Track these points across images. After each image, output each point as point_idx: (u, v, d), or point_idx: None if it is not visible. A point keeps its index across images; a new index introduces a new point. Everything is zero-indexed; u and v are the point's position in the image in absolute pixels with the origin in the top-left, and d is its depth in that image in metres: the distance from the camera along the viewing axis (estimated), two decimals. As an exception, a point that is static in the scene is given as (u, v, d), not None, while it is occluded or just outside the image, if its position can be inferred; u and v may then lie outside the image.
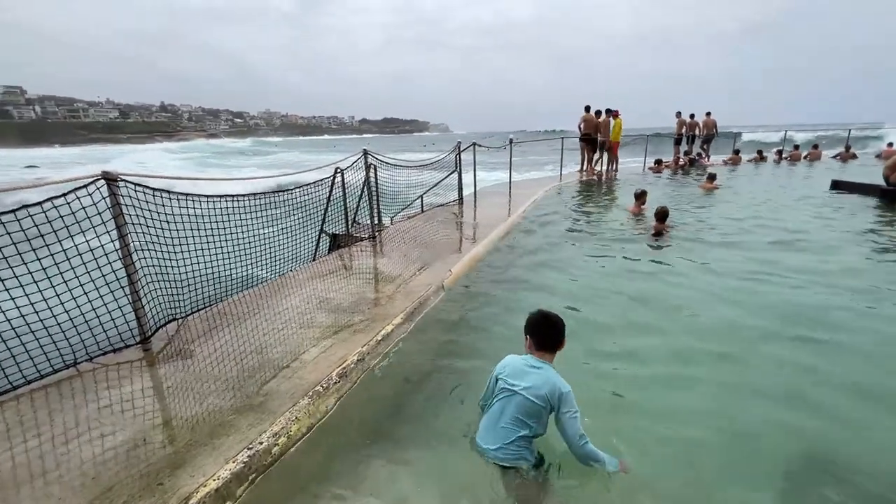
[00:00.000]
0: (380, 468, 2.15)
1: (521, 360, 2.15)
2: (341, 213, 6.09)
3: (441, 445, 2.32)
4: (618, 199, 9.65)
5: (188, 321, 3.38)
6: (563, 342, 2.18)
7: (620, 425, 2.43)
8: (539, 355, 2.14)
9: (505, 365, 2.18)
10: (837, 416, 2.50)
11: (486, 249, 5.55)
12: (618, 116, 12.75)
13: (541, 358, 2.13)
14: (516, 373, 2.10)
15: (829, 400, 2.64)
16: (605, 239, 6.35)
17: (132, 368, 2.75)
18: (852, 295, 4.03)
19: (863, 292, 4.09)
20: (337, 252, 5.68)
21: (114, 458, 1.98)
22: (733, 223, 7.00)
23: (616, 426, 2.40)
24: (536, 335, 2.17)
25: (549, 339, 2.15)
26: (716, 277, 4.68)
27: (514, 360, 2.17)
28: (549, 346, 2.16)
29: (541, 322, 2.18)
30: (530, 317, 2.24)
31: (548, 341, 2.15)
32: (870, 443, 2.33)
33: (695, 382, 2.87)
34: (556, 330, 2.17)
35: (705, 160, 15.38)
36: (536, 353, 2.16)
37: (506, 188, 10.43)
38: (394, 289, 4.07)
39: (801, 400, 2.65)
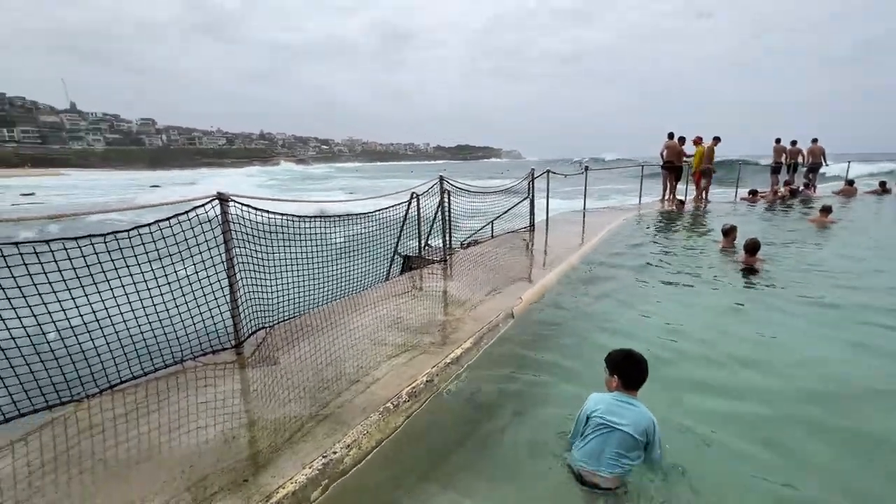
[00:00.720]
0: (442, 493, 2.15)
1: (611, 399, 2.24)
2: (414, 236, 6.32)
3: (503, 476, 2.29)
4: (704, 231, 8.96)
5: (274, 330, 3.67)
6: (646, 379, 2.28)
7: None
8: (629, 393, 2.25)
9: (597, 402, 2.25)
10: None
11: (558, 278, 5.41)
12: (700, 143, 11.98)
13: (630, 395, 2.24)
14: (612, 410, 2.19)
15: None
16: (687, 273, 5.91)
17: (226, 370, 3.04)
18: None
19: None
20: (409, 273, 5.87)
21: (208, 451, 2.18)
22: (849, 263, 6.17)
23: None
24: (624, 375, 2.27)
25: (636, 377, 2.27)
26: (816, 324, 4.15)
27: (604, 398, 2.26)
28: (636, 384, 2.27)
29: (629, 362, 2.28)
30: (615, 356, 2.33)
31: (635, 380, 2.26)
32: None
33: (786, 440, 2.53)
34: (642, 369, 2.27)
35: (811, 191, 13.81)
36: (625, 391, 2.25)
37: (579, 216, 10.15)
38: (463, 312, 4.10)
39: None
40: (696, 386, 3.09)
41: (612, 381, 2.29)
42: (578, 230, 8.62)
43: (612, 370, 2.31)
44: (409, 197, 6.07)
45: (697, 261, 6.58)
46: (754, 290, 5.23)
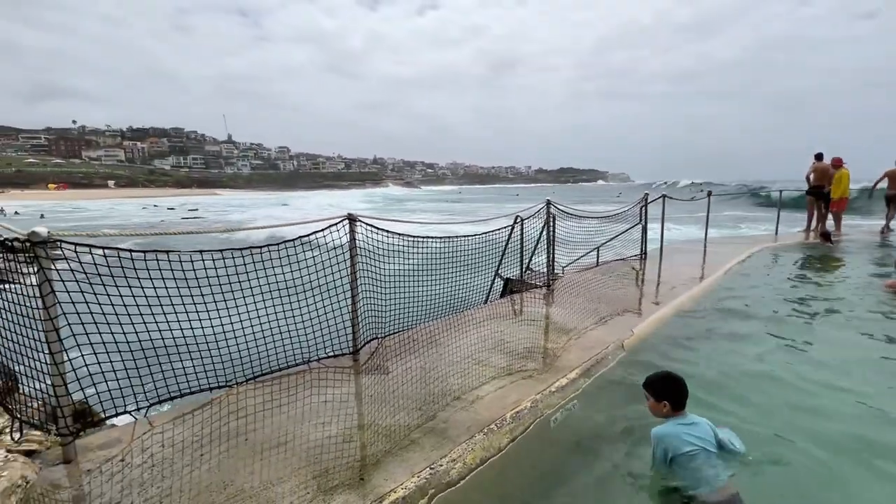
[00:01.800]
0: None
1: (680, 426, 2.32)
2: (515, 259, 6.31)
3: None
4: (864, 268, 7.46)
5: (385, 341, 3.94)
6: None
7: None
8: (683, 413, 2.38)
9: (673, 434, 2.29)
10: None
11: (674, 313, 4.96)
12: (841, 165, 10.15)
13: (685, 415, 2.37)
14: (690, 436, 2.27)
15: None
16: (842, 316, 4.98)
17: (344, 373, 3.33)
18: None
19: None
20: (509, 297, 5.86)
21: (330, 446, 2.41)
22: None
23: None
24: (676, 397, 2.37)
25: (685, 398, 2.39)
26: None
27: (676, 429, 2.31)
28: (684, 403, 2.39)
29: (676, 384, 2.39)
30: (660, 382, 2.42)
31: (684, 400, 2.39)
32: None
33: None
34: (686, 388, 2.40)
35: None
36: (679, 412, 2.37)
37: (699, 246, 9.20)
38: (567, 341, 3.97)
39: None
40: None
41: (662, 407, 2.38)
42: (698, 261, 7.81)
43: (659, 396, 2.39)
44: (512, 220, 6.12)
45: (854, 303, 5.51)
46: None
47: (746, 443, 2.50)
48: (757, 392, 3.29)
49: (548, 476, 2.43)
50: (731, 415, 2.96)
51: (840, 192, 10.36)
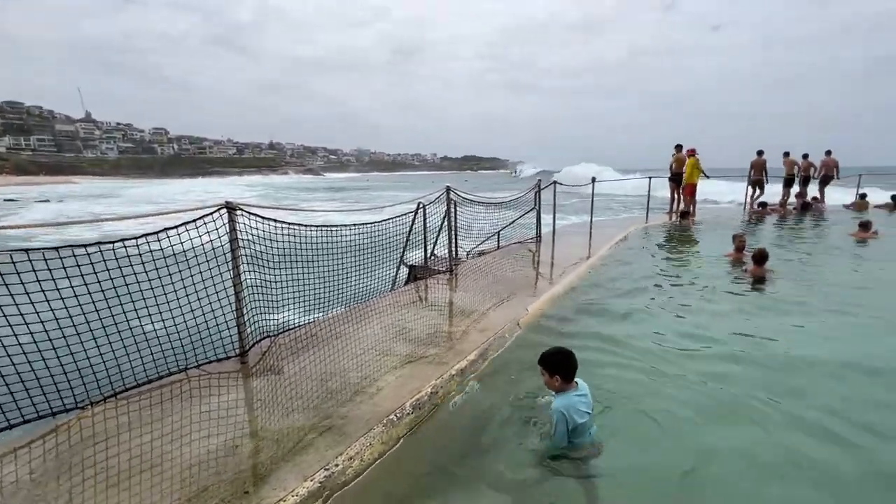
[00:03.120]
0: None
1: (577, 397, 2.49)
2: (420, 246, 6.31)
3: (502, 488, 2.26)
4: (713, 243, 8.86)
5: (279, 339, 3.66)
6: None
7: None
8: (574, 385, 2.54)
9: (568, 406, 2.44)
10: None
11: (565, 290, 5.37)
12: (693, 155, 11.94)
13: (576, 386, 2.54)
14: (584, 406, 2.48)
15: None
16: (695, 284, 5.86)
17: (230, 378, 3.02)
18: None
19: None
20: (414, 283, 5.85)
21: (210, 461, 2.16)
22: (867, 278, 6.07)
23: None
24: (567, 370, 2.51)
25: (575, 369, 2.53)
26: (816, 339, 4.08)
27: (575, 401, 2.47)
28: (575, 374, 2.54)
29: (567, 359, 2.52)
30: (553, 358, 2.53)
31: (574, 373, 2.53)
32: None
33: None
34: (575, 362, 2.54)
35: (822, 205, 13.66)
36: (569, 384, 2.52)
37: (586, 228, 10.11)
38: (469, 323, 4.07)
39: None
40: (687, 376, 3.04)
41: (555, 381, 2.51)
42: (585, 242, 8.57)
43: (552, 370, 2.51)
44: (415, 207, 6.09)
45: (705, 271, 6.54)
46: (761, 298, 5.27)
47: (614, 394, 3.00)
48: (628, 354, 3.71)
49: (447, 459, 2.45)
50: (606, 374, 3.33)
51: (688, 179, 12.09)
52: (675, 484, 2.29)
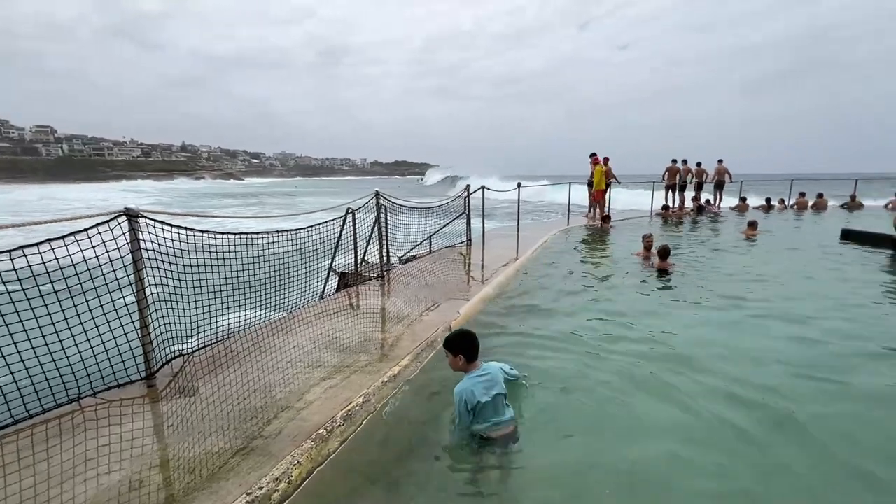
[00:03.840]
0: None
1: (474, 378, 2.60)
2: (350, 252, 6.16)
3: (442, 487, 2.27)
4: (625, 243, 9.67)
5: (194, 357, 3.36)
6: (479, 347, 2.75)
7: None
8: (476, 365, 2.68)
9: (470, 388, 2.55)
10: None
11: (495, 291, 5.53)
12: (598, 163, 12.89)
13: (478, 366, 2.68)
14: (485, 385, 2.57)
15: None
16: (610, 279, 6.42)
17: (134, 405, 2.71)
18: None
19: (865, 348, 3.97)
20: (345, 291, 5.69)
21: (107, 501, 1.91)
22: (747, 269, 6.96)
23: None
24: (470, 350, 2.66)
25: (476, 349, 2.69)
26: (709, 320, 4.72)
27: (472, 382, 2.58)
28: (477, 354, 2.70)
29: (468, 340, 2.68)
30: (456, 340, 2.68)
31: (476, 352, 2.69)
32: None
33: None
34: (477, 342, 2.70)
35: (715, 207, 15.46)
36: (473, 364, 2.67)
37: (514, 231, 10.52)
38: (401, 329, 4.04)
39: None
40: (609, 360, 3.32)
41: (458, 361, 2.65)
42: (513, 244, 8.91)
43: (455, 351, 2.65)
44: (344, 212, 5.93)
45: (620, 267, 7.16)
46: (667, 289, 5.96)
47: (539, 381, 3.17)
48: (554, 343, 3.95)
49: (380, 469, 2.40)
50: (534, 364, 3.51)
51: (596, 185, 13.07)
52: (596, 458, 2.49)
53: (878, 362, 3.57)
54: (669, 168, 15.21)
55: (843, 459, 2.44)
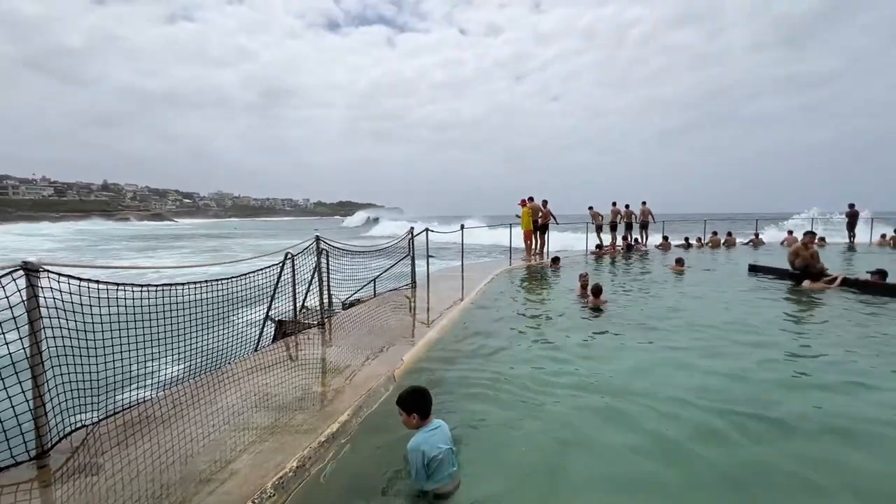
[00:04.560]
0: None
1: (428, 433, 2.56)
2: (289, 298, 5.88)
3: None
4: (562, 281, 10.10)
5: (100, 428, 2.96)
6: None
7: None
8: (429, 420, 2.65)
9: (426, 442, 2.50)
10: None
11: (439, 335, 5.48)
12: (525, 205, 13.62)
13: (431, 422, 2.65)
14: (437, 440, 2.54)
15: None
16: (551, 318, 6.65)
17: (19, 492, 2.31)
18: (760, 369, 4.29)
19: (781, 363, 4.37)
20: (283, 340, 5.38)
21: None
22: (673, 303, 7.50)
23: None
24: (423, 408, 2.63)
25: (430, 406, 2.67)
26: (644, 351, 5.01)
27: (426, 437, 2.54)
28: (430, 412, 2.67)
29: (422, 397, 2.65)
30: (409, 398, 2.64)
31: (429, 409, 2.66)
32: None
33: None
34: (430, 398, 2.68)
35: (642, 246, 16.71)
36: (426, 420, 2.63)
37: (458, 272, 10.65)
38: (342, 381, 3.85)
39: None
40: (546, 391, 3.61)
41: (412, 419, 2.61)
42: (458, 285, 8.98)
43: (409, 410, 2.61)
44: (283, 257, 5.71)
45: (558, 305, 7.48)
46: (598, 323, 6.32)
47: (486, 426, 3.25)
48: (498, 385, 3.95)
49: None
50: (478, 408, 3.51)
51: (524, 226, 13.72)
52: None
53: (795, 392, 3.89)
54: (592, 213, 16.47)
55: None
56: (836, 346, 4.99)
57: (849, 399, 3.66)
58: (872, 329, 5.72)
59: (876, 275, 8.26)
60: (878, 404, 3.54)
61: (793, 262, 9.20)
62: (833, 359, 4.62)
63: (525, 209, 13.56)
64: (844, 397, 3.69)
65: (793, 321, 6.32)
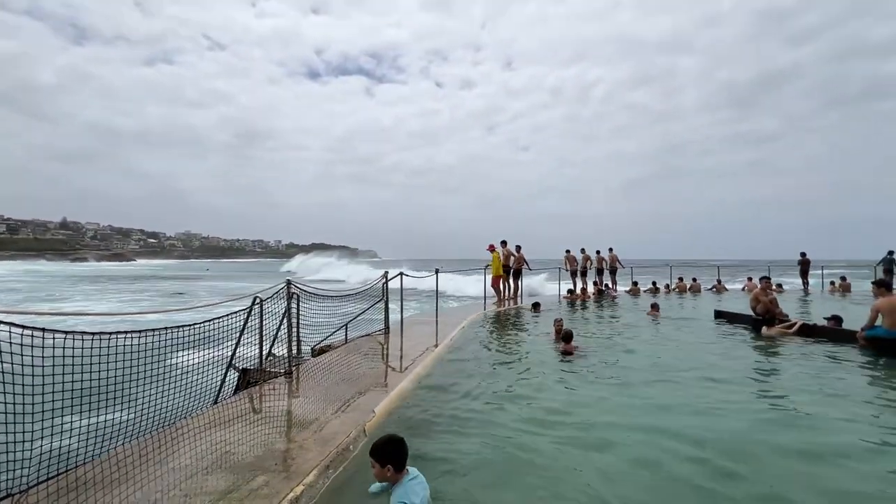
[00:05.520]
0: None
1: (409, 484, 2.45)
2: (254, 345, 5.60)
3: None
4: (534, 325, 10.10)
5: (29, 496, 2.61)
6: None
7: None
8: (405, 472, 2.53)
9: (406, 493, 2.40)
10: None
11: (412, 384, 5.29)
12: (493, 250, 13.57)
13: (407, 472, 2.53)
14: (420, 489, 2.46)
15: None
16: (525, 363, 6.63)
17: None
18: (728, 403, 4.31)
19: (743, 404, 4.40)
20: (246, 391, 5.05)
21: None
22: (646, 348, 7.56)
23: None
24: (399, 460, 2.50)
25: (405, 458, 2.54)
26: (614, 396, 4.99)
27: (409, 487, 2.43)
28: (405, 463, 2.54)
29: (397, 448, 2.52)
30: (383, 448, 2.50)
31: (405, 461, 2.54)
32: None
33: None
34: (406, 449, 2.56)
35: (613, 291, 17.08)
36: (401, 472, 2.51)
37: (432, 317, 10.50)
38: (309, 436, 3.60)
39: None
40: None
41: (387, 471, 2.47)
42: (432, 331, 8.82)
43: (383, 461, 2.47)
44: (250, 302, 5.48)
45: (532, 349, 7.49)
46: (567, 369, 6.32)
47: (464, 475, 3.16)
48: (474, 433, 3.79)
49: None
50: (455, 458, 3.38)
51: (494, 271, 13.63)
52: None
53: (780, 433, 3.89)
54: (568, 256, 16.90)
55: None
56: (801, 392, 5.10)
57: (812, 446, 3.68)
58: (831, 374, 5.89)
59: (832, 320, 8.66)
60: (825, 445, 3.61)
61: (754, 307, 9.56)
62: (800, 405, 4.69)
63: (494, 254, 13.62)
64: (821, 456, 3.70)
65: (759, 367, 6.45)
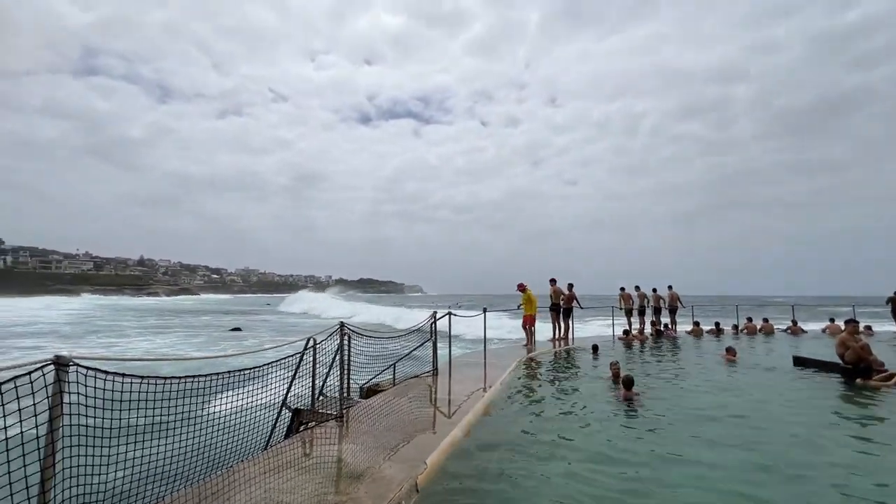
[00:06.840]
0: None
1: None
2: (305, 385, 5.70)
3: None
4: (589, 368, 9.57)
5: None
6: None
7: None
8: None
9: None
10: None
11: (463, 433, 5.10)
12: (525, 290, 12.62)
13: None
14: None
15: None
16: (581, 411, 6.26)
17: None
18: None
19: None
20: (297, 437, 5.10)
21: None
22: (715, 396, 6.91)
23: None
24: None
25: None
26: (693, 455, 4.52)
27: None
28: None
29: None
30: None
31: None
32: None
33: None
34: None
35: (672, 332, 15.96)
36: None
37: (480, 357, 10.27)
38: (360, 489, 3.53)
39: None
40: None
41: None
42: (480, 374, 8.59)
43: None
44: (305, 343, 5.63)
45: (588, 395, 7.11)
46: (631, 417, 5.96)
47: None
48: (534, 486, 3.50)
49: None
50: None
51: (526, 310, 12.68)
52: None
53: None
54: (622, 294, 16.07)
55: None
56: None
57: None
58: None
59: (940, 372, 7.56)
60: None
61: (842, 354, 8.55)
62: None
63: (525, 294, 12.68)
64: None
65: (851, 429, 5.63)
